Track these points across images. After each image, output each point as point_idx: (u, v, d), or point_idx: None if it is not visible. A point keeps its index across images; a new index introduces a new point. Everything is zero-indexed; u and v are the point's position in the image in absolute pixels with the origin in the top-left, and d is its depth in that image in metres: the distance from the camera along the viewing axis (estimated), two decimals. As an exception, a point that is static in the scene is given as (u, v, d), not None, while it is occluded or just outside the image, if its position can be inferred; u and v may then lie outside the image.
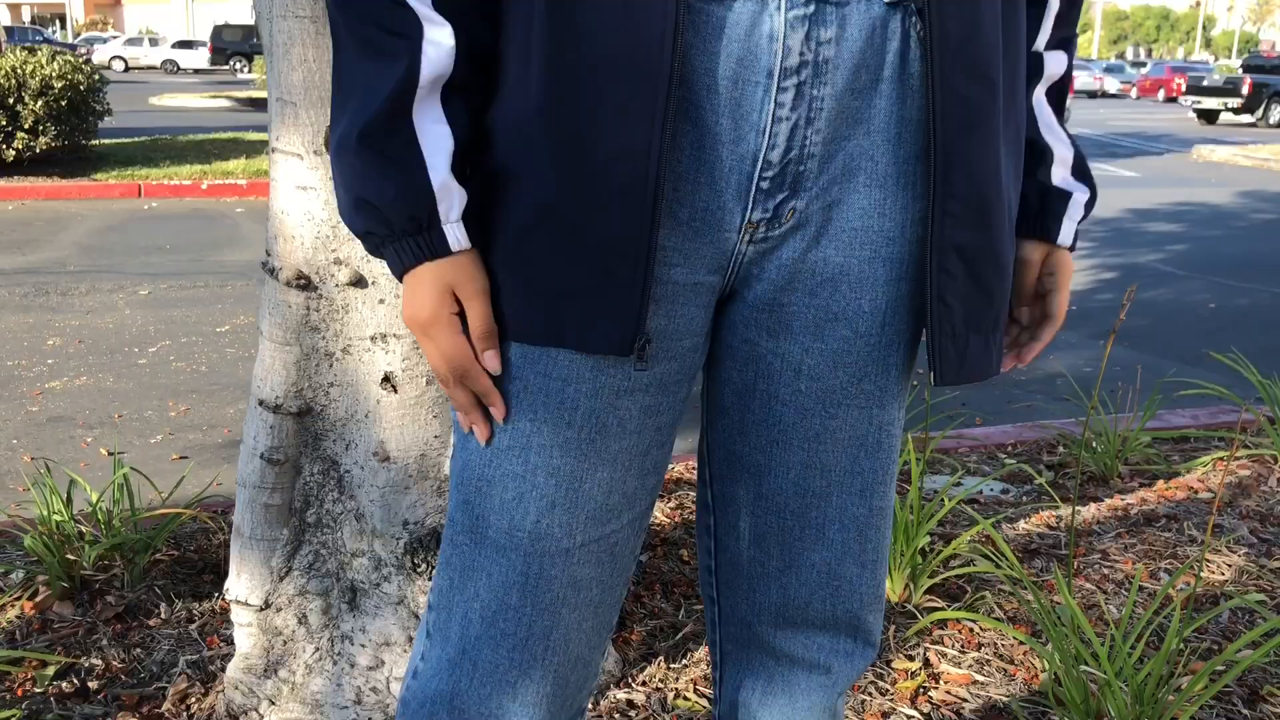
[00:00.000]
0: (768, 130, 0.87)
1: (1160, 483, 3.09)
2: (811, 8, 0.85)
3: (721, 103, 0.86)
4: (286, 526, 1.75)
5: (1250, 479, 3.13)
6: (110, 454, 3.52)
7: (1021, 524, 2.79)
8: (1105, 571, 2.50)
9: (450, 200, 0.89)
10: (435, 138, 0.88)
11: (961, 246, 0.93)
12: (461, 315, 0.91)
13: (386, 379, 1.67)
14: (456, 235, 0.89)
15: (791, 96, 0.87)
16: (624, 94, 0.84)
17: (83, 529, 2.47)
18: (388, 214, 0.88)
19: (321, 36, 1.54)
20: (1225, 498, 2.97)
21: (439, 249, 0.89)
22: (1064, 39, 1.07)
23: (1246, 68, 25.19)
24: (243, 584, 1.78)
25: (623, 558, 1.00)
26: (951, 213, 0.92)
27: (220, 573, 2.39)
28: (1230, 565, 2.55)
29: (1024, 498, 2.99)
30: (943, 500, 2.52)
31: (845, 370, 0.97)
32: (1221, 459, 3.24)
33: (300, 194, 1.62)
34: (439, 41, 0.87)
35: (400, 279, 0.92)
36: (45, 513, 2.36)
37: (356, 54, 0.89)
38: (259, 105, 20.46)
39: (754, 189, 0.89)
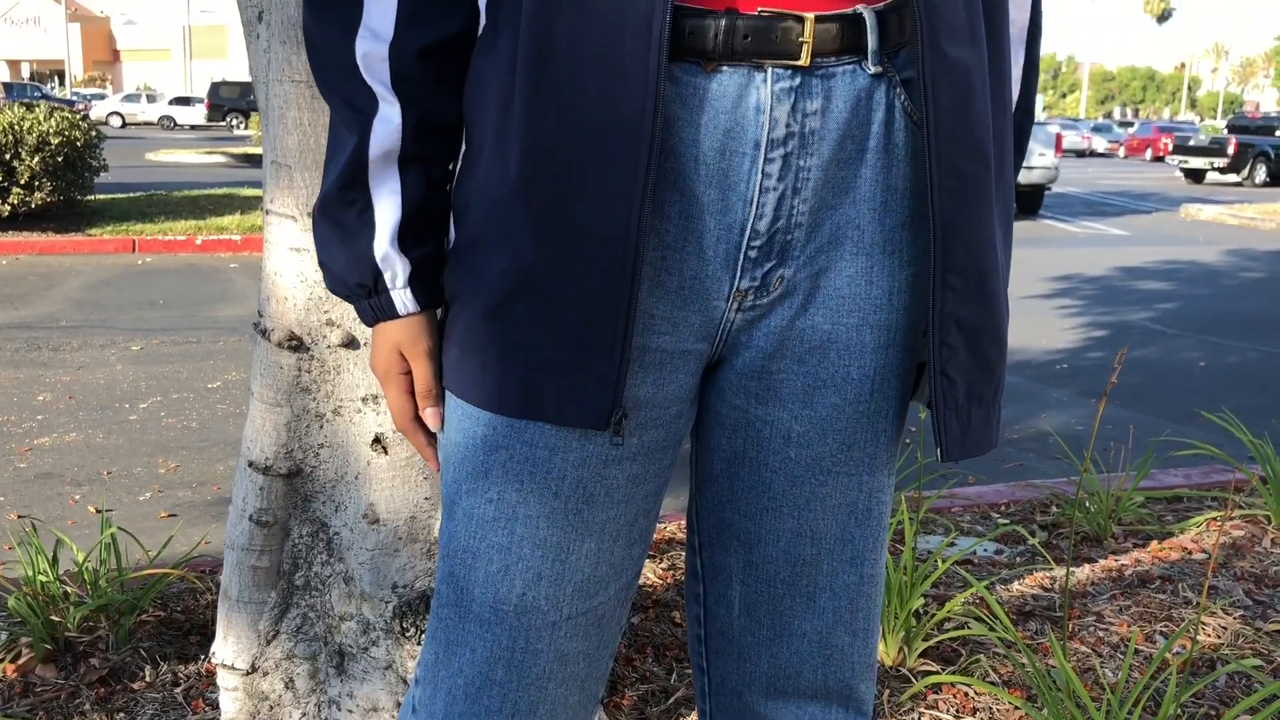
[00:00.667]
0: (755, 200, 0.88)
1: (1154, 543, 3.08)
2: (797, 80, 0.86)
3: (709, 173, 0.87)
4: (274, 589, 1.73)
5: (1244, 539, 3.12)
6: (98, 511, 3.49)
7: (1016, 585, 2.77)
8: (1100, 634, 2.49)
9: (393, 269, 0.95)
10: (386, 208, 0.95)
11: (962, 320, 0.93)
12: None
13: (377, 440, 1.67)
14: (404, 300, 0.96)
15: (778, 167, 0.87)
16: (605, 167, 0.84)
17: (68, 589, 2.44)
18: (342, 278, 0.97)
19: (317, 100, 1.56)
20: (1220, 559, 2.96)
21: (388, 312, 0.97)
22: (1024, 108, 1.08)
23: (1232, 128, 25.54)
24: (229, 647, 1.75)
25: (609, 629, 0.99)
26: (952, 287, 0.92)
27: (207, 634, 2.36)
28: (1226, 628, 2.53)
29: (1018, 558, 2.97)
30: (936, 562, 2.51)
31: (835, 437, 0.97)
32: (1215, 519, 3.23)
33: (294, 255, 1.63)
34: (388, 118, 0.93)
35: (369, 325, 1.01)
36: (30, 573, 2.34)
37: (332, 123, 0.97)
38: (254, 161, 20.60)
39: (742, 258, 0.90)
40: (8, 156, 9.42)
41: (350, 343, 1.64)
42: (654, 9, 0.82)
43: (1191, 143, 24.92)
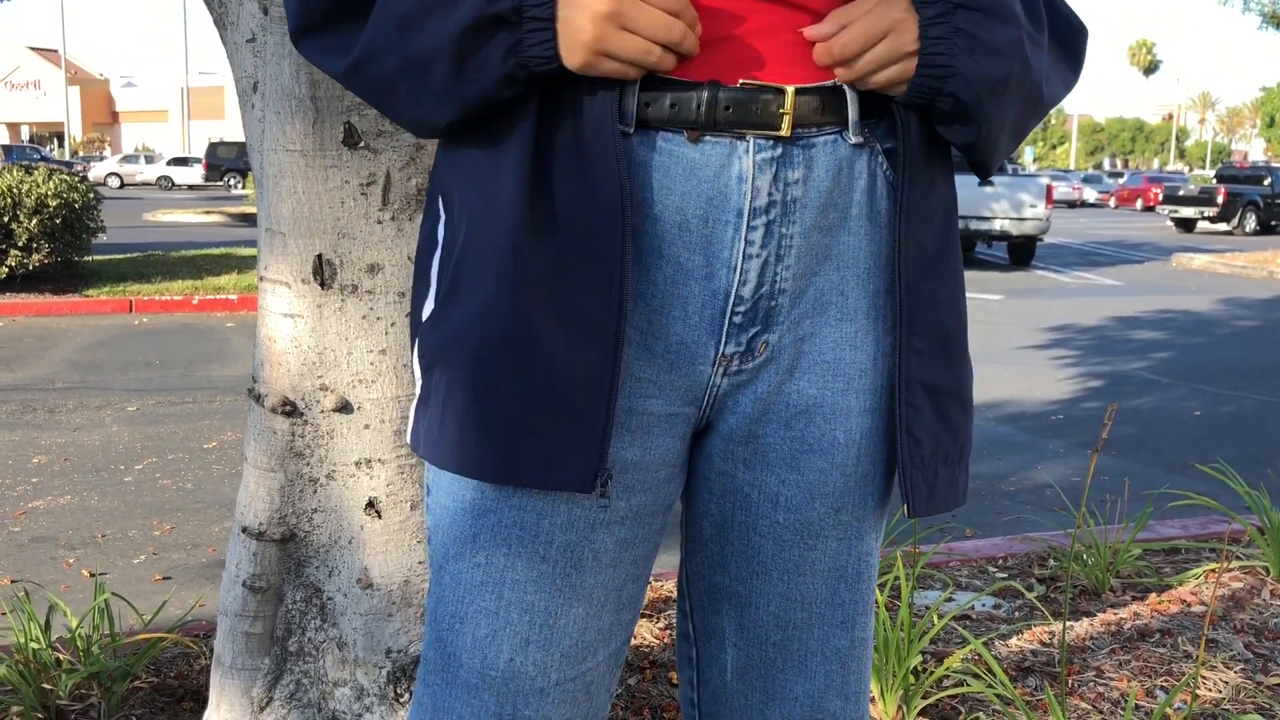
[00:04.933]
0: (739, 267, 0.90)
1: (1153, 596, 3.07)
2: (779, 149, 0.89)
3: (693, 240, 0.89)
4: (268, 655, 1.72)
5: (1243, 591, 3.11)
6: (92, 575, 3.47)
7: (1014, 640, 2.76)
8: (1100, 689, 2.47)
9: None
10: None
11: (926, 382, 0.95)
12: None
13: (371, 505, 1.67)
14: None
15: (761, 235, 0.89)
16: (587, 233, 0.86)
17: (60, 656, 2.42)
18: None
19: (311, 169, 1.58)
20: (1219, 611, 2.95)
21: None
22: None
23: (1220, 178, 25.79)
24: (223, 715, 1.74)
25: (598, 696, 0.99)
26: (918, 350, 0.94)
27: (200, 699, 2.34)
28: (1226, 682, 2.52)
29: (1016, 613, 2.96)
30: (934, 618, 2.50)
31: (822, 501, 0.98)
32: (1213, 571, 3.22)
33: (288, 321, 1.64)
34: None
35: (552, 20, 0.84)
36: (22, 640, 2.32)
37: None
38: (251, 220, 20.72)
39: (727, 323, 0.91)
40: (6, 219, 9.47)
41: (344, 407, 1.64)
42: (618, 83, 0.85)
43: (1181, 193, 25.16)
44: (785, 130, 0.88)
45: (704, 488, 1.01)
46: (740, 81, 0.87)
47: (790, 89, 0.88)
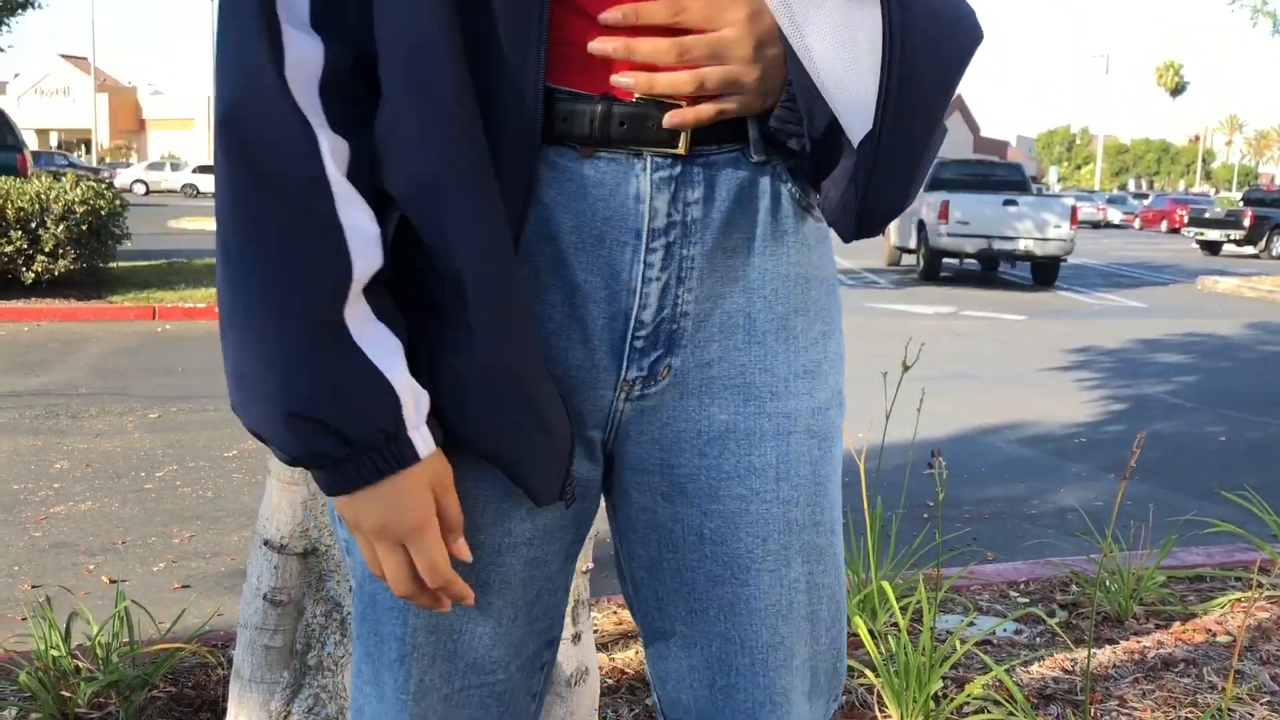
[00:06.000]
0: (639, 290, 0.87)
1: (1177, 624, 3.03)
2: (677, 169, 0.85)
3: (590, 261, 0.85)
4: (287, 669, 1.72)
5: (1270, 621, 3.07)
6: (112, 582, 3.48)
7: (1035, 667, 2.73)
8: None
9: (419, 404, 0.81)
10: (382, 336, 0.80)
11: None
12: None
13: (393, 520, 1.66)
14: (425, 438, 0.81)
15: (660, 257, 0.86)
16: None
17: (79, 664, 2.43)
18: (346, 431, 0.78)
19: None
20: (1245, 642, 2.91)
21: (409, 458, 0.80)
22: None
23: (1247, 200, 25.64)
24: (239, 728, 1.74)
25: (516, 700, 0.98)
26: None
27: (217, 710, 2.34)
28: (1253, 715, 2.48)
29: (1038, 638, 2.93)
30: (955, 644, 2.47)
31: (747, 531, 0.93)
32: (1240, 600, 3.18)
33: (313, 335, 1.64)
34: (364, 226, 0.79)
35: (339, 493, 0.81)
36: (42, 647, 2.33)
37: (267, 248, 0.77)
38: (276, 229, 20.84)
39: (628, 347, 0.88)
40: (33, 225, 9.56)
41: (368, 422, 1.64)
42: (526, 87, 0.81)
43: (1207, 215, 25.02)
44: (683, 148, 0.84)
45: (629, 529, 0.98)
46: (635, 96, 0.83)
47: (686, 104, 0.84)
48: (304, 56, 0.78)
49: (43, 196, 9.62)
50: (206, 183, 39.48)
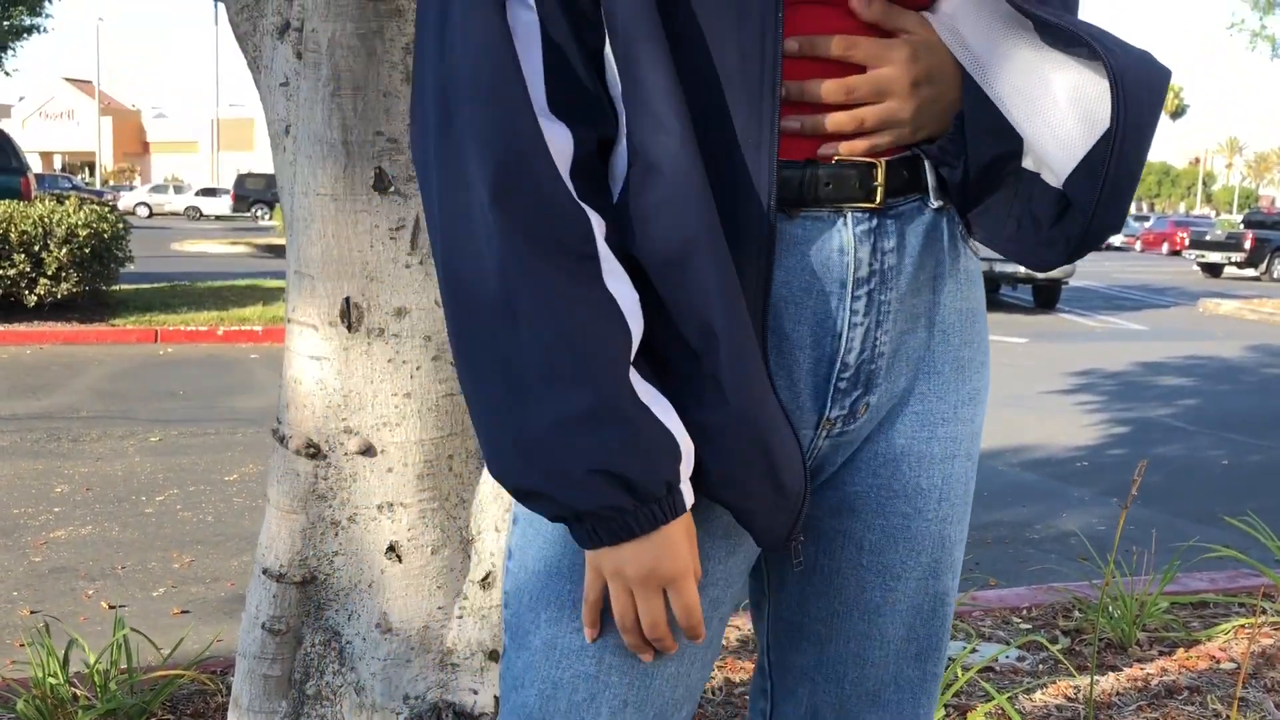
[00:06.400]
0: (844, 335, 0.94)
1: (1180, 651, 3.01)
2: (874, 221, 0.93)
3: (798, 312, 0.92)
4: (285, 699, 1.71)
5: (1274, 648, 3.05)
6: (111, 607, 3.47)
7: (1038, 695, 2.71)
8: (1127, 748, 2.42)
9: (690, 458, 0.87)
10: (656, 396, 0.86)
11: None
12: None
13: (392, 549, 1.66)
14: (689, 489, 0.88)
15: (864, 304, 0.93)
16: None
17: (77, 692, 2.42)
18: (638, 483, 0.83)
19: (340, 214, 1.58)
20: (1249, 669, 2.89)
21: (679, 509, 0.86)
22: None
23: (1248, 223, 25.68)
24: (237, 758, 1.73)
25: None
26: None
27: (215, 739, 2.33)
28: (1257, 743, 2.46)
29: (1040, 665, 2.91)
30: (957, 671, 2.46)
31: (904, 545, 1.02)
32: (1244, 627, 3.17)
33: (313, 363, 1.64)
34: (630, 295, 0.85)
35: (613, 543, 0.86)
36: (40, 674, 2.32)
37: (561, 319, 0.82)
38: (278, 251, 20.91)
39: (832, 389, 0.95)
40: (36, 248, 9.58)
41: (368, 450, 1.64)
42: (761, 173, 0.87)
43: (1208, 237, 25.04)
44: (879, 202, 0.92)
45: None
46: (835, 159, 0.91)
47: (882, 161, 0.92)
48: (559, 146, 0.84)
49: (46, 220, 9.64)
50: (209, 205, 39.55)
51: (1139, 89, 0.88)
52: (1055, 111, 0.89)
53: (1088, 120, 0.89)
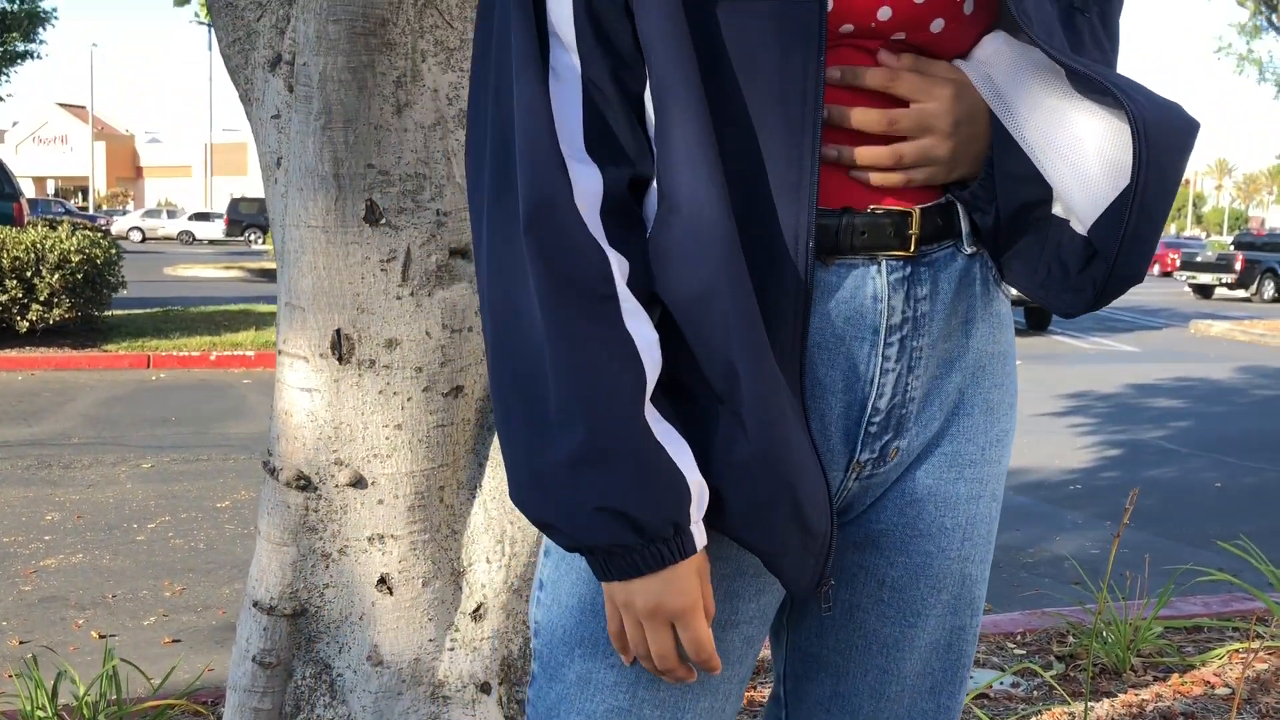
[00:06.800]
0: (876, 380, 0.95)
1: (1175, 676, 3.01)
2: (908, 269, 0.94)
3: (830, 357, 0.93)
4: (275, 732, 1.70)
5: (1269, 673, 3.05)
6: (101, 636, 3.45)
7: (1034, 722, 2.70)
8: (1122, 776, 2.41)
9: (702, 499, 0.88)
10: (671, 435, 0.87)
11: None
12: None
13: (383, 580, 1.65)
14: (701, 532, 0.89)
15: (896, 350, 0.94)
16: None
17: (67, 724, 2.40)
18: (645, 522, 0.85)
19: (331, 245, 1.59)
20: (1244, 694, 2.89)
21: (689, 549, 0.87)
22: None
23: (1238, 244, 25.78)
24: (227, 793, 1.72)
25: None
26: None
27: (205, 772, 2.31)
28: (1252, 770, 2.46)
29: (1034, 691, 2.90)
30: (952, 698, 2.45)
31: (926, 582, 1.02)
32: (1238, 651, 3.16)
33: (304, 395, 1.64)
34: (648, 335, 0.87)
35: (621, 579, 0.88)
36: (28, 707, 2.30)
37: (577, 356, 0.84)
38: (271, 275, 20.90)
39: (862, 433, 0.96)
40: (29, 274, 9.57)
41: (358, 482, 1.64)
42: (799, 220, 0.88)
43: (1199, 259, 25.15)
44: (913, 249, 0.93)
45: None
46: (870, 207, 0.92)
47: (916, 209, 0.94)
48: (587, 187, 0.86)
49: (38, 246, 9.64)
50: (202, 230, 39.56)
51: (1163, 140, 0.88)
52: (1082, 160, 0.90)
53: (1113, 169, 0.89)
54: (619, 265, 0.86)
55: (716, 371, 0.86)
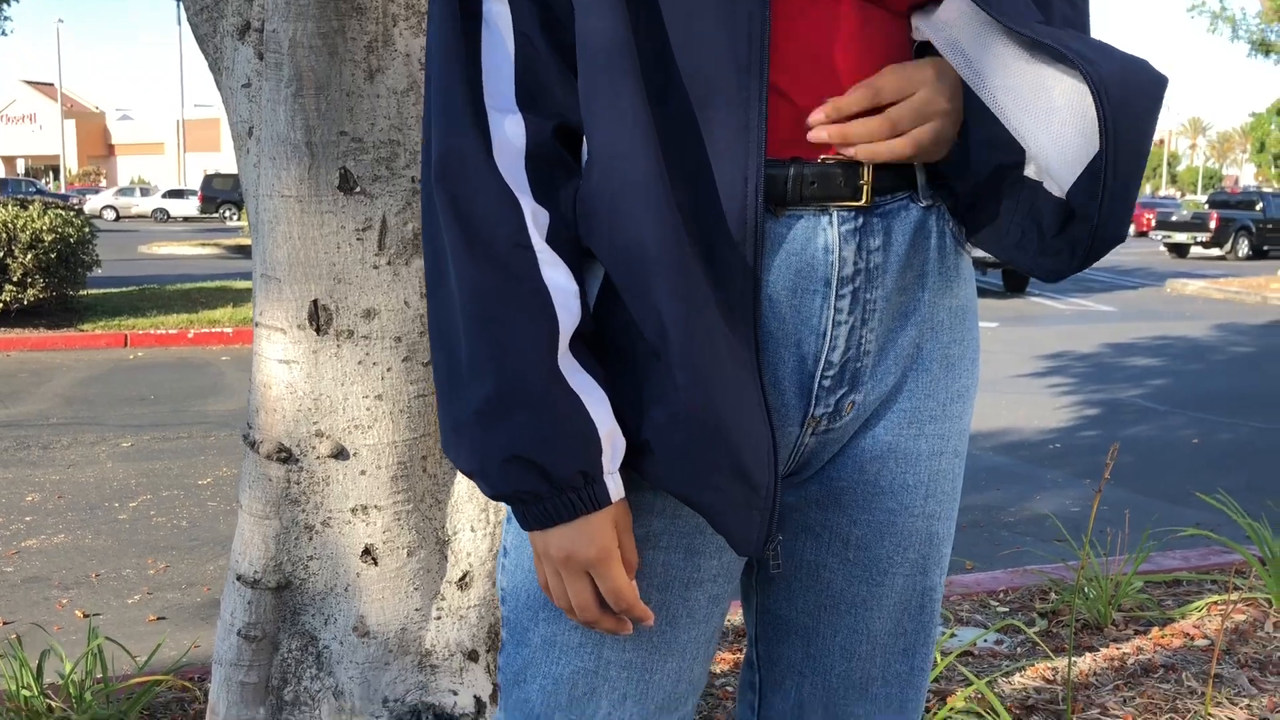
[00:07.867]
0: (828, 334, 0.93)
1: (1155, 630, 3.04)
2: (860, 220, 0.92)
3: (782, 309, 0.92)
4: (263, 705, 1.70)
5: (1246, 624, 3.09)
6: (86, 616, 3.44)
7: (1017, 678, 2.73)
8: (1105, 728, 2.44)
9: (616, 450, 0.88)
10: (590, 386, 0.87)
11: None
12: None
13: (367, 551, 1.65)
14: (617, 484, 0.89)
15: (849, 302, 0.93)
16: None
17: (52, 704, 2.39)
18: (552, 471, 0.85)
19: (306, 215, 1.57)
20: (1222, 645, 2.92)
21: (600, 501, 0.87)
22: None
23: (1212, 203, 25.91)
24: (216, 766, 1.72)
25: None
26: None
27: (194, 747, 2.31)
28: (1232, 719, 2.49)
29: (1018, 648, 2.93)
30: (936, 657, 2.47)
31: (891, 540, 1.01)
32: (1216, 603, 3.20)
33: (283, 367, 1.63)
34: (566, 285, 0.87)
35: (534, 528, 0.89)
36: (14, 687, 2.29)
37: (485, 307, 0.85)
38: (247, 252, 20.67)
39: (816, 387, 0.95)
40: (1, 254, 9.47)
41: (340, 453, 1.63)
42: (748, 167, 0.86)
43: (1174, 218, 25.26)
44: (866, 200, 0.91)
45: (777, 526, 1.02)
46: (821, 157, 0.91)
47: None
48: (509, 137, 0.87)
49: (10, 225, 9.53)
50: (176, 207, 39.14)
51: (1129, 98, 0.87)
52: (1055, 123, 0.89)
53: (1087, 131, 0.88)
54: (535, 216, 0.86)
55: (648, 323, 0.85)
